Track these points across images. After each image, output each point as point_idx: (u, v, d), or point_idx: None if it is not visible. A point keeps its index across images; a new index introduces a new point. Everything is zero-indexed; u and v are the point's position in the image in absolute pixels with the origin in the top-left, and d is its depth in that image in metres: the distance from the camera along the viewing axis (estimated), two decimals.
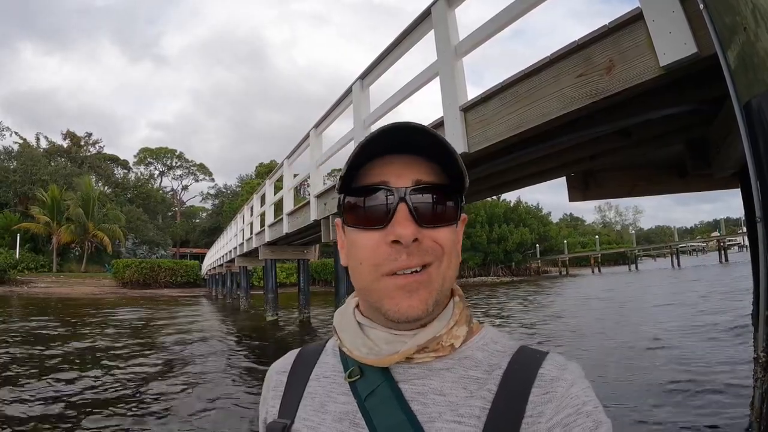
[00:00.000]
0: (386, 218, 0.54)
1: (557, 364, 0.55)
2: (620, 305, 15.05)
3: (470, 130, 3.76)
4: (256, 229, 14.27)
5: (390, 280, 0.54)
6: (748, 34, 1.62)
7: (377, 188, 0.56)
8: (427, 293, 0.54)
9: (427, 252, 0.54)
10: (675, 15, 2.19)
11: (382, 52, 5.05)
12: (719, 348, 7.08)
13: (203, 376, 6.73)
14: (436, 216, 0.56)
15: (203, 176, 63.70)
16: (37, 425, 4.43)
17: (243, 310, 18.41)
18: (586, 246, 72.58)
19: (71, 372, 6.82)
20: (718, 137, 3.36)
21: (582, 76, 2.77)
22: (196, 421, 4.65)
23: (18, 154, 42.63)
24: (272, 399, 0.66)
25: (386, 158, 0.57)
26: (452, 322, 0.58)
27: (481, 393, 0.53)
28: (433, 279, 0.55)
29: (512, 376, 0.54)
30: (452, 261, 0.57)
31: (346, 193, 0.58)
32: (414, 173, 0.56)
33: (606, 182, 5.10)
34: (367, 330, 0.60)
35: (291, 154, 9.38)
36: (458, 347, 0.57)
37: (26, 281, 28.46)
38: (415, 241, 0.53)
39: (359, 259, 0.56)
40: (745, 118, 1.72)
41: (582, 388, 0.52)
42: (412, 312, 0.54)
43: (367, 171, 0.57)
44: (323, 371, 0.63)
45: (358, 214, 0.57)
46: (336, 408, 0.58)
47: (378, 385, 0.56)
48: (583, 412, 0.49)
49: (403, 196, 0.54)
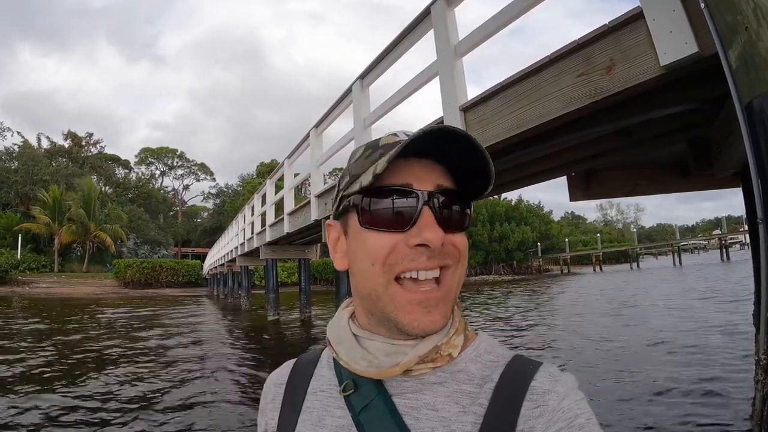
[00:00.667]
0: (409, 221, 0.53)
1: (549, 375, 0.54)
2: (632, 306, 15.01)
3: (470, 130, 3.74)
4: (257, 228, 14.29)
5: (404, 293, 0.53)
6: (749, 33, 1.60)
7: (401, 190, 0.54)
8: (445, 307, 0.55)
9: (447, 255, 0.55)
10: (676, 14, 2.18)
11: (381, 52, 5.04)
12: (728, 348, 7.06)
13: (204, 376, 6.74)
14: (454, 221, 0.56)
15: (204, 176, 63.90)
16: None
17: (244, 309, 18.44)
18: (587, 244, 72.54)
19: (68, 373, 6.84)
20: (719, 137, 3.34)
21: (582, 76, 2.75)
22: (197, 421, 4.66)
23: (19, 154, 42.71)
24: (270, 411, 0.66)
25: (406, 161, 0.55)
26: (452, 331, 0.57)
27: (473, 408, 0.53)
28: (450, 289, 0.55)
29: (504, 390, 0.53)
30: (464, 265, 0.58)
31: (364, 194, 0.56)
32: (435, 178, 0.56)
33: (607, 181, 5.08)
34: (364, 342, 0.59)
35: (292, 153, 9.38)
36: (456, 357, 0.57)
37: (28, 281, 28.50)
38: (441, 245, 0.53)
39: (371, 260, 0.54)
40: (746, 118, 1.71)
41: (574, 400, 0.51)
42: (434, 327, 0.54)
43: (386, 172, 0.54)
44: (320, 385, 0.63)
45: (377, 215, 0.55)
46: (332, 422, 0.58)
47: (372, 399, 0.56)
48: (575, 425, 0.49)
49: (428, 200, 0.54)
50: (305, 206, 8.74)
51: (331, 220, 0.63)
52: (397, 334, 0.56)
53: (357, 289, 0.59)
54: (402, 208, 0.54)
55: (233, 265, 22.07)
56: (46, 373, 6.84)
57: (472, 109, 3.73)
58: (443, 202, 0.55)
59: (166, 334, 11.41)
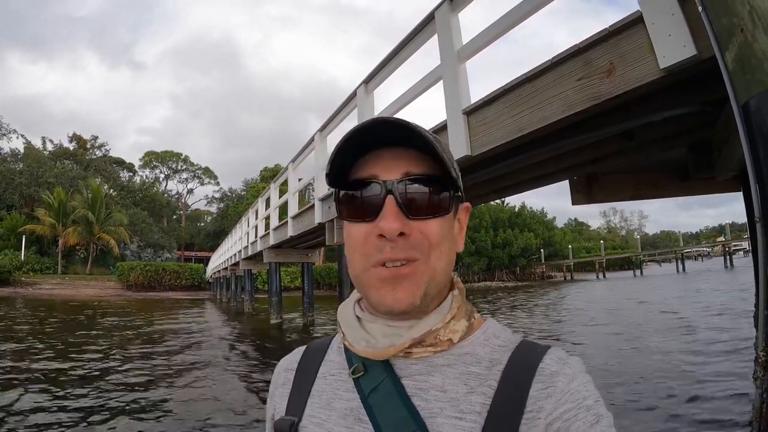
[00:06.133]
0: (375, 211, 0.55)
1: (558, 358, 0.54)
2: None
3: (473, 133, 3.78)
4: (260, 232, 14.34)
5: (376, 271, 0.55)
6: (745, 35, 1.64)
7: (367, 182, 0.56)
8: (413, 285, 0.54)
9: (412, 247, 0.55)
10: (674, 17, 2.21)
11: (386, 57, 5.09)
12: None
13: (207, 378, 6.76)
14: (425, 207, 0.56)
15: (208, 180, 64.02)
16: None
17: (247, 313, 18.42)
18: (591, 251, 72.23)
19: (68, 374, 6.87)
20: (719, 139, 3.37)
21: (583, 79, 2.79)
22: (199, 422, 4.67)
23: (24, 156, 42.95)
24: (280, 396, 0.66)
25: (378, 152, 0.57)
26: (449, 317, 0.58)
27: (482, 389, 0.53)
28: (419, 271, 0.55)
29: (512, 372, 0.54)
30: (443, 252, 0.57)
31: (339, 187, 0.59)
32: (404, 166, 0.56)
33: (609, 186, 5.11)
34: (365, 324, 0.60)
35: (296, 157, 9.42)
36: (457, 342, 0.58)
37: (31, 283, 28.61)
38: (401, 235, 0.54)
39: (352, 249, 0.58)
40: (743, 118, 1.74)
41: (582, 382, 0.52)
42: (398, 305, 0.54)
43: (360, 165, 0.58)
44: (329, 369, 0.64)
45: (350, 208, 0.58)
46: (341, 404, 0.59)
47: (380, 381, 0.57)
48: (583, 407, 0.50)
49: (391, 188, 0.55)
50: (309, 210, 8.76)
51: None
52: (384, 315, 0.58)
53: (349, 272, 0.60)
54: (368, 198, 0.56)
55: (236, 268, 22.04)
56: (46, 373, 6.88)
57: (475, 112, 3.77)
58: (409, 189, 0.55)
59: (169, 337, 11.44)
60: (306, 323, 13.48)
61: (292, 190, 10.04)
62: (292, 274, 34.09)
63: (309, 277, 14.65)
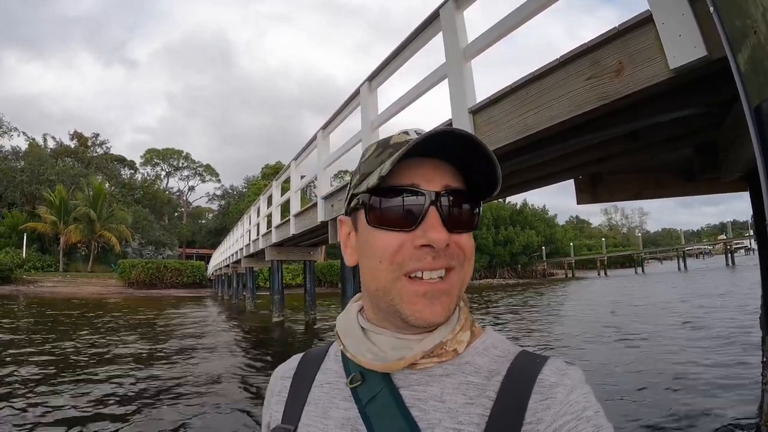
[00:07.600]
0: (415, 221, 0.54)
1: (557, 369, 0.54)
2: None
3: (479, 132, 3.76)
4: (262, 230, 14.34)
5: (410, 285, 0.54)
6: (758, 37, 1.62)
7: (408, 190, 0.55)
8: (448, 300, 0.55)
9: (452, 256, 0.55)
10: (684, 18, 2.19)
11: (390, 54, 5.06)
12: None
13: (208, 376, 6.77)
14: (461, 222, 0.56)
15: (210, 177, 64.09)
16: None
17: (249, 311, 18.45)
18: (592, 249, 72.23)
19: (70, 373, 6.89)
20: (726, 140, 3.36)
21: (591, 79, 2.77)
22: (200, 421, 4.69)
23: (25, 153, 42.98)
24: (276, 404, 0.66)
25: (415, 160, 0.56)
26: (458, 327, 0.58)
27: (481, 400, 0.53)
28: (454, 285, 0.56)
29: (511, 383, 0.54)
30: (471, 265, 0.58)
31: (371, 193, 0.56)
32: (443, 178, 0.56)
33: (614, 185, 5.09)
34: (371, 335, 0.60)
35: (298, 155, 9.41)
36: (461, 352, 0.58)
37: (32, 281, 28.67)
38: (446, 246, 0.54)
39: (378, 258, 0.55)
40: (755, 121, 1.72)
41: (582, 393, 0.52)
42: (435, 319, 0.54)
43: (395, 172, 0.55)
44: (326, 378, 0.63)
45: (383, 215, 0.56)
46: (338, 414, 0.58)
47: (379, 391, 0.56)
48: (583, 418, 0.49)
49: (434, 200, 0.54)
50: (311, 208, 8.75)
51: (343, 216, 0.64)
52: (404, 328, 0.57)
53: (366, 284, 0.59)
54: (408, 207, 0.54)
55: (238, 266, 22.08)
56: (46, 373, 6.89)
57: (481, 111, 3.75)
58: (450, 202, 0.55)
59: (170, 335, 11.47)
60: (308, 321, 13.51)
61: (294, 188, 10.03)
62: (294, 271, 34.11)
63: (311, 275, 14.67)
